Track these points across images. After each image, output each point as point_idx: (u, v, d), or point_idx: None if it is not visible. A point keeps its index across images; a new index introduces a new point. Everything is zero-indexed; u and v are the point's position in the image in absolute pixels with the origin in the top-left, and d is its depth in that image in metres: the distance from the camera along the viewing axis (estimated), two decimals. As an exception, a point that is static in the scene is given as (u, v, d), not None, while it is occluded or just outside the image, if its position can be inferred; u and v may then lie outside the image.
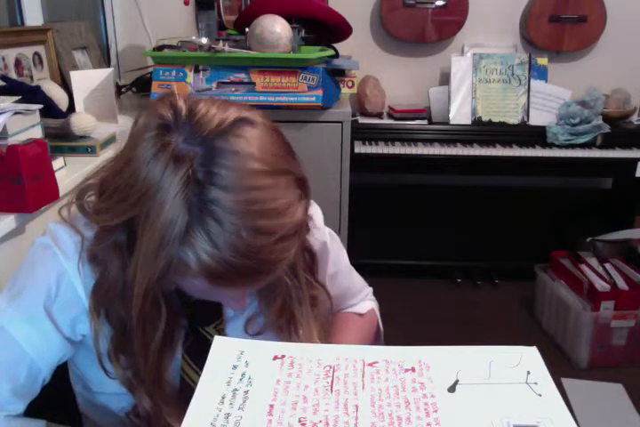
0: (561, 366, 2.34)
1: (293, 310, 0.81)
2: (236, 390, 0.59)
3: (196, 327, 0.79)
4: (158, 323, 0.70)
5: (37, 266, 0.74)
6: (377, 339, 1.05)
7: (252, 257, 0.61)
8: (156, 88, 1.90)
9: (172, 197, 0.59)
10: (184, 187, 0.59)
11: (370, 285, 1.09)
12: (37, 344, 0.72)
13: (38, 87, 1.51)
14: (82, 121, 1.44)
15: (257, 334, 0.82)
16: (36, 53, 1.68)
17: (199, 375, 0.76)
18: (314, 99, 2.05)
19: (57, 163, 1.27)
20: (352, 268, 1.02)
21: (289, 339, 0.81)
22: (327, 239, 0.93)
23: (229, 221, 0.59)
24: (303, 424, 0.55)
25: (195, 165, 0.60)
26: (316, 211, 0.92)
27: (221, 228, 0.59)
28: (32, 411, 0.77)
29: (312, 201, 0.89)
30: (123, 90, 2.27)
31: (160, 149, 0.61)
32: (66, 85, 1.72)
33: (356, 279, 1.04)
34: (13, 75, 1.56)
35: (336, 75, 2.45)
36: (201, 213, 0.60)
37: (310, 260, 0.83)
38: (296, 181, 0.65)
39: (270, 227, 0.61)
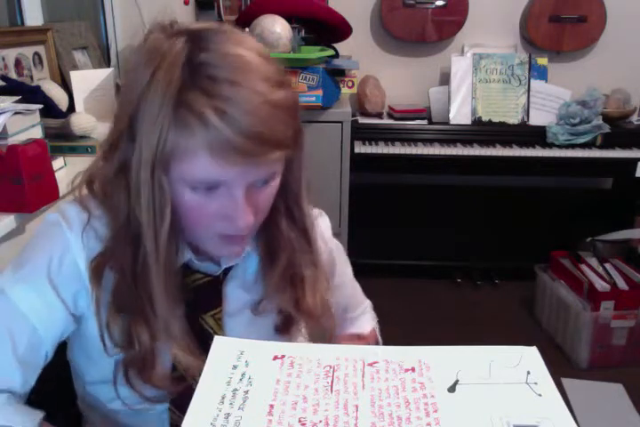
0: (561, 366, 2.34)
1: (296, 270, 0.81)
2: (235, 390, 0.59)
3: (194, 314, 0.79)
4: (165, 209, 0.69)
5: (43, 239, 0.76)
6: None
7: (247, 112, 0.63)
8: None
9: (164, 72, 0.64)
10: (173, 60, 0.64)
11: (370, 285, 1.09)
12: (40, 311, 0.73)
13: (38, 87, 1.51)
14: (82, 121, 1.44)
15: (259, 310, 0.82)
16: (36, 53, 1.68)
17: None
18: (314, 99, 2.06)
19: (57, 163, 1.27)
20: (355, 280, 1.03)
21: (294, 301, 0.81)
22: (334, 250, 0.95)
23: (221, 75, 0.63)
24: (303, 424, 0.55)
25: (183, 44, 0.65)
26: (324, 221, 0.93)
27: (215, 82, 0.63)
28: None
29: (322, 211, 0.91)
30: (123, 90, 2.26)
31: (151, 47, 0.67)
32: (66, 85, 1.72)
33: (358, 291, 1.05)
34: (13, 75, 1.56)
35: (336, 75, 2.46)
36: (193, 74, 0.64)
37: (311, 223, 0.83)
38: (284, 76, 0.69)
39: (262, 87, 0.64)
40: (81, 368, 0.83)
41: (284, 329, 0.85)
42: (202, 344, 0.67)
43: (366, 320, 1.05)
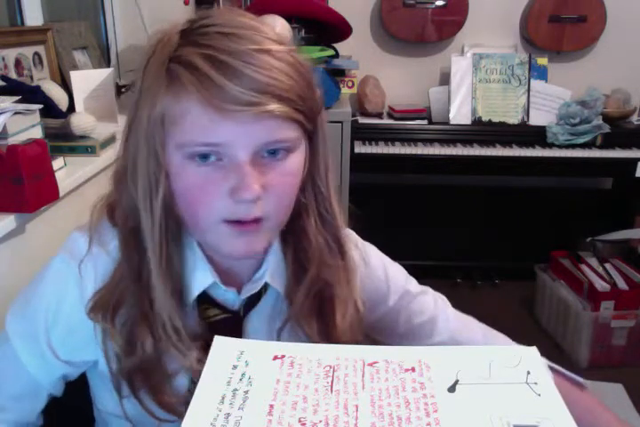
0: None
1: (325, 287, 0.73)
2: (235, 390, 0.59)
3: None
4: (160, 178, 0.64)
5: (44, 283, 0.73)
6: None
7: (239, 57, 0.60)
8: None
9: (160, 47, 0.63)
10: (170, 37, 0.64)
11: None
12: (37, 362, 0.72)
13: (38, 87, 1.51)
14: (82, 121, 1.44)
15: (283, 330, 0.75)
16: (36, 53, 1.68)
17: None
18: (314, 99, 2.05)
19: (57, 163, 1.27)
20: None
21: (319, 329, 0.73)
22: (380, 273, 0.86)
23: (216, 31, 0.62)
24: (303, 424, 0.55)
25: (179, 28, 0.65)
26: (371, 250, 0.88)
27: (207, 36, 0.62)
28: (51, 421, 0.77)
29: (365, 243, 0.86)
30: (123, 90, 2.26)
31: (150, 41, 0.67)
32: (66, 85, 1.72)
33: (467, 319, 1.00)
34: (13, 75, 1.56)
35: (336, 75, 2.46)
36: (186, 38, 0.63)
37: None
38: (287, 41, 0.67)
39: (257, 39, 0.62)
40: (95, 395, 0.81)
41: None
42: None
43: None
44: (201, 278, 0.71)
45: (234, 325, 0.75)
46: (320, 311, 0.74)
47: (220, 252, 0.71)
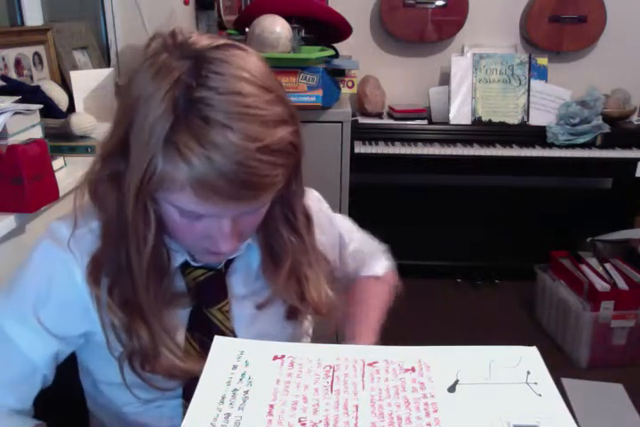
0: (561, 366, 2.34)
1: (304, 271, 0.82)
2: (235, 390, 0.59)
3: (201, 309, 0.79)
4: (148, 233, 0.70)
5: (33, 268, 0.76)
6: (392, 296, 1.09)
7: (237, 162, 0.60)
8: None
9: (160, 99, 0.61)
10: (171, 88, 0.61)
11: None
12: (30, 340, 0.75)
13: (38, 87, 1.50)
14: (82, 121, 1.44)
15: (264, 306, 0.82)
16: (36, 53, 1.67)
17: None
18: (314, 99, 2.05)
19: (57, 163, 1.27)
20: (362, 233, 1.09)
21: (299, 296, 0.82)
22: (337, 225, 1.01)
23: (215, 118, 0.60)
24: (303, 424, 0.55)
25: (184, 70, 0.62)
26: (313, 199, 0.94)
27: (207, 125, 0.60)
28: (41, 409, 0.79)
29: (310, 189, 0.91)
30: (123, 90, 2.26)
31: (153, 63, 0.64)
32: (66, 85, 1.72)
33: (372, 246, 1.11)
34: (13, 75, 1.56)
35: (336, 75, 2.45)
36: (187, 112, 0.61)
37: (307, 224, 0.84)
38: (285, 107, 0.66)
39: (256, 132, 0.61)
40: (93, 368, 0.84)
41: (292, 316, 0.85)
42: (210, 339, 0.68)
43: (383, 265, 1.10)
44: (175, 256, 0.77)
45: (218, 281, 0.80)
46: (298, 283, 0.82)
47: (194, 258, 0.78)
